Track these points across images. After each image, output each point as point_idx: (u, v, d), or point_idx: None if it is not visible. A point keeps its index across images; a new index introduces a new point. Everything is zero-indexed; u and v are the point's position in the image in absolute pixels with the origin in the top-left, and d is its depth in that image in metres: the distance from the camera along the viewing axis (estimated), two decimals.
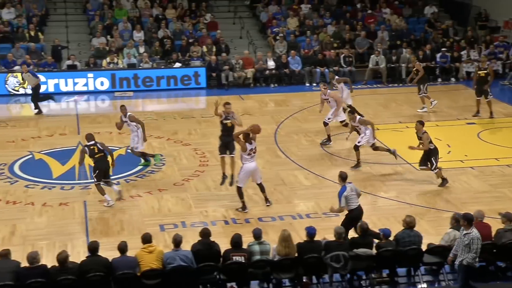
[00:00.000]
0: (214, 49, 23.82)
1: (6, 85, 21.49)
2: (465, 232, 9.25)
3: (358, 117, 15.19)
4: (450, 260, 9.63)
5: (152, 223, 12.11)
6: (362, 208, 10.87)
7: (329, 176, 14.28)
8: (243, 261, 9.44)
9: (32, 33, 23.35)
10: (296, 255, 9.60)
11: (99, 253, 9.25)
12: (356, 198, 10.82)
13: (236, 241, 9.57)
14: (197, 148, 16.36)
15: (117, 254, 9.32)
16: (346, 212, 10.87)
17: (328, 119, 16.57)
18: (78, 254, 10.49)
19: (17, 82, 21.49)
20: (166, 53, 23.55)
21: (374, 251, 9.81)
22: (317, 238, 9.82)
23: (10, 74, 21.52)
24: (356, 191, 10.91)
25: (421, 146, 13.58)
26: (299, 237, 10.51)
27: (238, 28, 26.05)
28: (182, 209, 12.91)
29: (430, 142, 13.61)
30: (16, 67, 21.81)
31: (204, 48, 23.81)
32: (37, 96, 19.78)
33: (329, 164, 15.17)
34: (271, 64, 23.39)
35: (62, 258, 8.91)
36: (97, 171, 12.78)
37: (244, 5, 27.77)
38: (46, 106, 20.28)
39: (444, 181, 13.72)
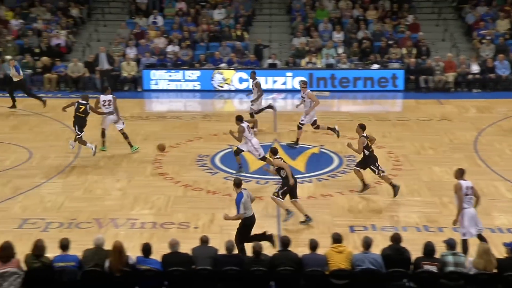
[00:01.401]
0: (414, 52, 23.24)
1: (212, 81, 22.84)
2: None
3: (242, 124, 14.33)
4: None
5: (342, 224, 12.13)
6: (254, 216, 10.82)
7: None
8: (435, 271, 9.09)
9: (238, 33, 24.57)
10: (495, 271, 9.04)
11: (289, 248, 9.46)
12: (251, 205, 10.74)
13: (429, 250, 9.24)
14: (390, 151, 16.08)
15: (306, 250, 9.47)
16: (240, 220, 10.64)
17: (301, 121, 16.34)
18: (270, 247, 10.82)
19: (222, 78, 22.74)
20: (364, 54, 23.45)
21: None
22: None
23: (216, 71, 22.84)
24: (251, 197, 10.84)
25: (353, 146, 13.21)
26: (497, 252, 9.88)
27: (441, 30, 25.14)
28: (373, 212, 12.77)
29: (367, 148, 13.10)
30: (222, 65, 23.09)
31: (404, 50, 23.32)
32: (11, 90, 19.69)
33: None
34: (475, 68, 22.27)
35: (258, 250, 9.26)
36: (76, 125, 15.33)
37: (449, 6, 26.71)
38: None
39: (365, 186, 13.41)
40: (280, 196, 12.23)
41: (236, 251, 9.43)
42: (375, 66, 22.80)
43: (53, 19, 25.00)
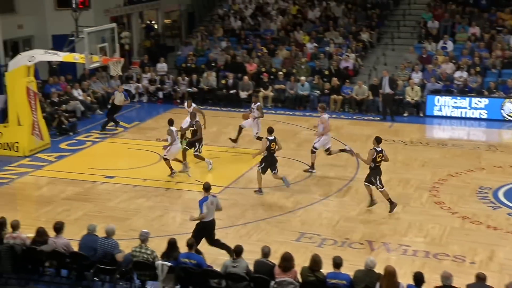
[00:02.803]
0: None
1: (502, 110, 21.49)
2: None
3: (170, 127, 15.72)
4: None
5: None
6: (215, 222, 11.33)
7: None
8: None
9: None
10: None
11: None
12: (213, 212, 11.29)
13: None
14: None
15: None
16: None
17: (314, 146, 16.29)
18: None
19: None
20: None
21: None
22: None
23: (507, 99, 21.45)
24: (217, 205, 11.43)
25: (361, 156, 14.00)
26: None
27: None
28: None
29: (374, 161, 13.56)
30: None
31: None
32: (112, 114, 20.38)
33: None
34: None
35: None
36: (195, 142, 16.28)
37: None
38: None
39: (392, 205, 13.80)
40: (261, 171, 14.68)
41: None
42: None
43: (344, 43, 25.98)
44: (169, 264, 9.94)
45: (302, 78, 23.52)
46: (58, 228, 10.63)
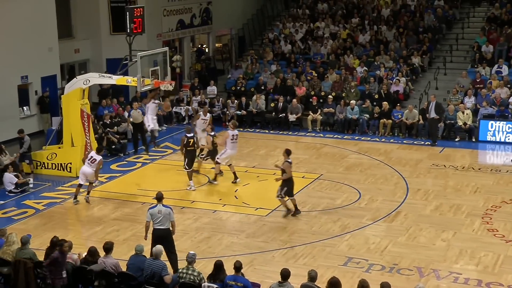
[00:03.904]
0: None
1: None
2: None
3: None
4: None
5: None
6: (168, 232, 11.59)
7: None
8: None
9: None
10: None
11: None
12: (165, 221, 11.60)
13: None
14: None
15: None
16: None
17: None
18: None
19: None
20: None
21: None
22: None
23: None
24: (169, 217, 11.61)
25: (283, 175, 14.44)
26: None
27: None
28: None
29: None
30: None
31: None
32: (136, 135, 20.63)
33: None
34: None
35: None
36: (187, 160, 16.58)
37: None
38: None
39: (288, 211, 14.81)
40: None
41: None
42: None
43: (394, 67, 25.76)
44: (215, 286, 9.96)
45: (352, 102, 23.40)
46: (108, 248, 10.81)
